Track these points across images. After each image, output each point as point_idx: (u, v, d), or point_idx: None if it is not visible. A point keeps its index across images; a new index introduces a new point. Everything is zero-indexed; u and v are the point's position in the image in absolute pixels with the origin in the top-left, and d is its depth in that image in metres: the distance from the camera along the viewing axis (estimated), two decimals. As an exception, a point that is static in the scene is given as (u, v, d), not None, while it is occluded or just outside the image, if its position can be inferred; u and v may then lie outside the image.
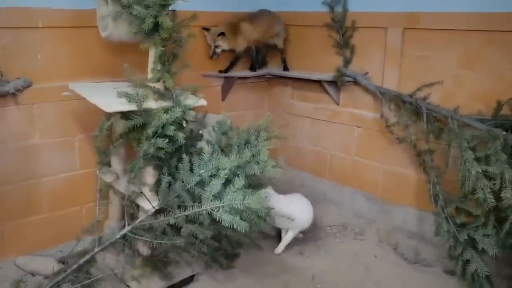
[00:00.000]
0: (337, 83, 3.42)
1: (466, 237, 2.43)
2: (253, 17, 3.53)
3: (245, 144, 2.53)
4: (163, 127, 2.24)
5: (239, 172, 2.31)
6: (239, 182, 2.18)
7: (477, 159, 2.33)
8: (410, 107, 2.92)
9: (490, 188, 2.25)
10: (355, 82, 3.35)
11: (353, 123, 3.50)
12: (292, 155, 4.06)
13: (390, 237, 3.24)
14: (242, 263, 2.93)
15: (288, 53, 3.85)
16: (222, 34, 3.35)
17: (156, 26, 2.18)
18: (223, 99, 3.66)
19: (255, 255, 3.01)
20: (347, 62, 3.38)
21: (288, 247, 3.15)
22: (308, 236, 3.36)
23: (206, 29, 3.39)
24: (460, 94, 2.84)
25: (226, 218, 2.12)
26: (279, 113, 4.02)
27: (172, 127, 2.25)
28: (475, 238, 2.39)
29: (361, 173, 3.54)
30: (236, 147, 2.52)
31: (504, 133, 2.37)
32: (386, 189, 3.40)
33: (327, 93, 3.56)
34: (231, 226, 2.11)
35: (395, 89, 3.11)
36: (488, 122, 2.56)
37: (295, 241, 3.21)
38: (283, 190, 3.80)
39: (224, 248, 2.77)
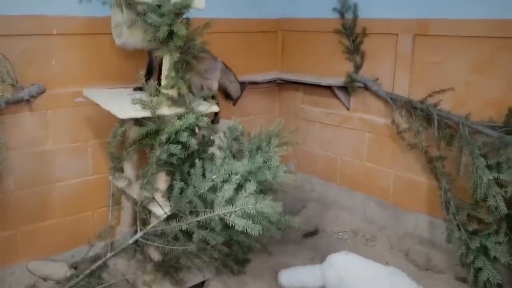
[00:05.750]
0: (347, 89, 3.43)
1: (478, 245, 2.42)
2: None
3: (256, 150, 2.55)
4: (176, 133, 2.26)
5: (250, 178, 2.33)
6: (251, 187, 2.20)
7: (489, 166, 2.33)
8: (421, 113, 2.91)
9: (502, 196, 2.25)
10: (366, 88, 3.36)
11: (363, 128, 3.50)
12: (302, 160, 4.06)
13: (401, 243, 3.23)
14: (253, 269, 2.93)
15: (300, 59, 3.87)
16: None
17: (171, 34, 2.20)
18: (234, 104, 3.67)
19: (266, 261, 3.00)
20: (357, 67, 3.39)
21: (299, 252, 3.16)
22: (319, 242, 3.37)
23: None
24: (471, 100, 2.83)
25: (239, 223, 2.13)
26: (290, 118, 4.02)
27: (185, 133, 2.27)
28: (487, 246, 2.39)
29: (372, 179, 3.53)
30: (247, 152, 2.54)
31: (516, 140, 2.36)
32: (397, 195, 3.39)
33: (338, 98, 3.56)
34: (244, 231, 2.13)
35: (406, 95, 3.11)
36: (500, 129, 2.55)
37: (305, 247, 3.23)
38: (293, 195, 3.84)
39: (235, 254, 2.78)
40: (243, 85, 3.57)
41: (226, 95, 3.51)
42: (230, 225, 2.16)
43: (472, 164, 2.40)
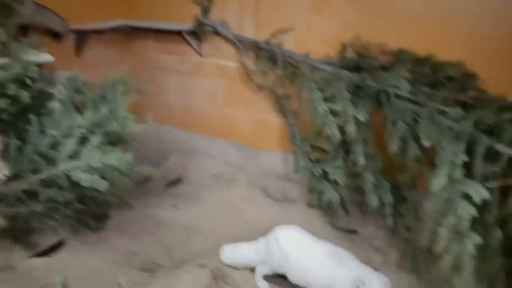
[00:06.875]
0: (198, 34, 3.40)
1: (320, 171, 2.64)
2: None
3: (101, 100, 2.44)
4: (2, 86, 2.05)
5: (96, 130, 2.23)
6: (96, 139, 2.12)
7: (325, 99, 2.50)
8: (267, 54, 3.02)
9: (337, 124, 2.44)
10: (216, 33, 3.36)
11: (217, 74, 3.53)
12: (161, 111, 3.99)
13: (259, 181, 3.39)
14: (114, 224, 2.85)
15: (147, 4, 3.72)
16: None
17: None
18: (77, 56, 3.42)
19: (127, 214, 2.95)
20: (205, 11, 3.35)
21: (162, 202, 3.16)
22: (182, 190, 3.40)
23: None
24: (311, 39, 2.99)
25: (84, 178, 2.05)
26: (143, 68, 3.90)
27: (13, 86, 2.07)
28: (327, 171, 2.62)
29: (230, 124, 3.62)
30: (91, 104, 2.42)
31: (348, 73, 2.55)
32: (253, 136, 3.52)
33: (190, 44, 3.52)
34: (92, 187, 2.06)
35: (254, 37, 3.17)
36: (335, 64, 2.73)
37: (168, 196, 3.25)
38: (154, 147, 3.80)
39: (91, 210, 2.68)
40: (83, 34, 3.33)
41: (55, 34, 3.19)
42: (77, 181, 2.07)
43: (311, 98, 2.56)
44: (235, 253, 2.41)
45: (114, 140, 2.41)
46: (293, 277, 2.19)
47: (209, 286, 2.25)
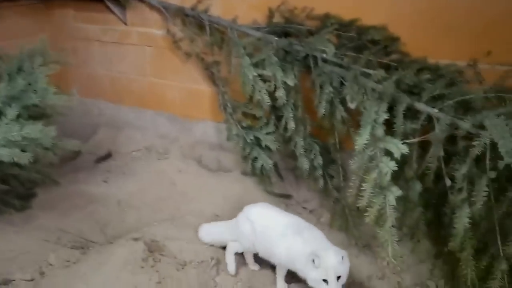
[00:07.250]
0: (120, 1, 3.25)
1: (252, 138, 2.65)
2: None
3: (17, 72, 2.29)
4: None
5: (13, 104, 2.10)
6: (12, 112, 2.00)
7: (254, 65, 2.49)
8: (194, 20, 2.95)
9: (267, 90, 2.45)
10: (140, -1, 3.23)
11: (143, 42, 3.41)
12: (86, 83, 3.80)
13: (192, 152, 3.36)
14: (41, 202, 2.74)
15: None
16: None
17: None
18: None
19: (55, 191, 2.83)
20: (127, -24, 3.21)
21: (92, 177, 3.06)
22: (113, 164, 3.30)
23: None
24: (239, 5, 2.94)
25: (3, 153, 1.94)
26: (65, 39, 3.68)
27: None
28: (259, 137, 2.63)
29: (160, 94, 3.53)
30: (7, 76, 2.27)
31: (276, 38, 2.55)
32: (184, 107, 3.46)
33: (113, 12, 3.36)
34: (13, 162, 1.95)
35: (179, 3, 3.08)
36: (263, 29, 2.72)
37: (98, 171, 3.15)
38: (81, 121, 3.64)
39: (15, 189, 2.55)
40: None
41: None
42: (-5, 158, 1.95)
43: (240, 64, 2.54)
44: (210, 231, 2.40)
45: (35, 114, 2.29)
46: (260, 251, 2.19)
47: (145, 258, 2.22)
